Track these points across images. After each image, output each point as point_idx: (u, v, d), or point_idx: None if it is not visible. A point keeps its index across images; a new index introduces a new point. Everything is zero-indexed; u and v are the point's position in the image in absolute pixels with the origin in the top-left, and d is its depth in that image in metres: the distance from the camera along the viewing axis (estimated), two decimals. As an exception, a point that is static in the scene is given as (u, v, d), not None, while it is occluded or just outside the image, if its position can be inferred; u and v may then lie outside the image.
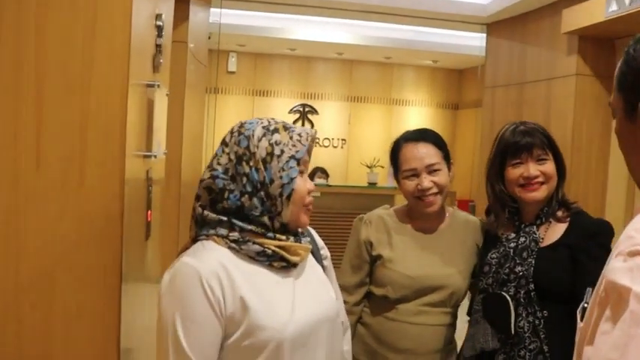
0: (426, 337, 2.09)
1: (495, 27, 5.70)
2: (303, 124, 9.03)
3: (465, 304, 2.22)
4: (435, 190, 2.07)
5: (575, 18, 4.37)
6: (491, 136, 5.87)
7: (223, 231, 1.33)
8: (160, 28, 1.97)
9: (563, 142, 4.61)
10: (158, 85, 1.84)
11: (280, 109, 8.93)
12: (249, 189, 1.33)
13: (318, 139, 9.01)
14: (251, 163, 1.33)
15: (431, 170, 2.07)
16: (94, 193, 1.45)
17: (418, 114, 9.30)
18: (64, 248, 1.43)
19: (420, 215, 2.15)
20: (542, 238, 1.96)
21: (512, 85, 5.42)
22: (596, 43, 4.55)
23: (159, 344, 1.27)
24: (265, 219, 1.34)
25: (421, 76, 9.30)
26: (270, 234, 1.35)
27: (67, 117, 1.43)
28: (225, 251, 1.32)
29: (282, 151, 1.35)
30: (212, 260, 1.29)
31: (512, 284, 1.93)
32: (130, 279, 1.65)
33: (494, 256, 2.00)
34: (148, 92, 1.83)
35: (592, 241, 1.90)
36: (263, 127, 1.38)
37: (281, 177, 1.33)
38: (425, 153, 2.09)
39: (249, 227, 1.33)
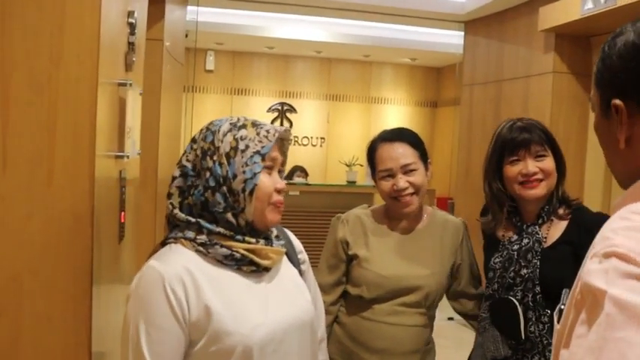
0: (402, 337, 2.07)
1: (473, 25, 5.71)
2: (281, 123, 9.00)
3: (443, 305, 2.20)
4: (410, 190, 2.04)
5: (552, 16, 4.40)
6: (469, 134, 5.93)
7: (191, 234, 1.31)
8: (132, 26, 1.93)
9: (541, 139, 4.65)
10: (130, 84, 1.80)
11: (259, 107, 8.89)
12: (212, 184, 1.31)
13: (296, 137, 8.99)
14: (215, 158, 1.32)
15: (407, 170, 2.05)
16: (63, 194, 1.40)
17: (397, 112, 9.31)
18: (32, 250, 1.39)
19: (397, 215, 2.14)
20: (545, 238, 1.90)
21: (490, 82, 5.45)
22: (573, 40, 4.59)
23: (122, 348, 1.25)
24: (229, 215, 1.31)
25: (400, 74, 9.32)
26: (239, 236, 1.32)
27: (34, 117, 1.38)
28: (192, 255, 1.29)
29: (247, 146, 1.33)
30: (177, 264, 1.26)
31: (519, 288, 1.87)
32: (102, 281, 1.61)
33: (497, 260, 1.94)
34: (120, 91, 1.79)
35: (593, 234, 1.85)
36: (230, 124, 1.37)
37: (244, 172, 1.31)
38: (400, 153, 2.07)
39: (217, 229, 1.30)
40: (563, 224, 1.91)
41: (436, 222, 2.17)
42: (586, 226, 1.84)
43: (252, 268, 1.34)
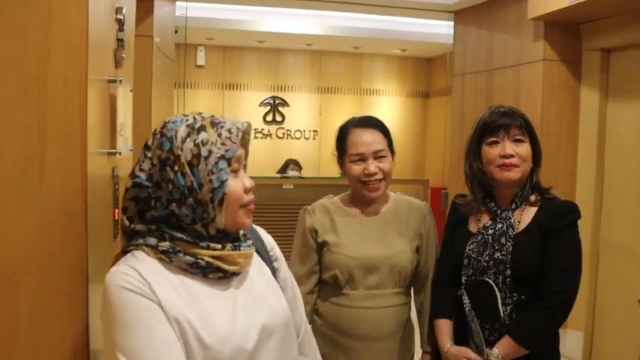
0: (381, 320, 2.13)
1: (462, 14, 5.71)
2: (274, 117, 8.99)
3: None
4: (380, 175, 2.14)
5: (541, 3, 4.41)
6: (461, 124, 5.93)
7: (152, 240, 1.23)
8: (120, 22, 1.93)
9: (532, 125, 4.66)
10: (120, 81, 1.80)
11: (250, 102, 8.88)
12: (176, 196, 1.22)
13: (289, 131, 8.99)
14: (176, 168, 1.22)
15: (377, 156, 2.14)
16: (55, 193, 1.40)
17: (389, 103, 9.31)
18: (26, 250, 1.39)
19: (364, 200, 2.22)
20: (519, 222, 1.99)
21: (481, 72, 5.45)
22: (562, 28, 4.59)
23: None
24: (199, 227, 1.24)
25: (391, 66, 9.31)
26: (203, 243, 1.24)
27: (24, 117, 1.38)
28: (154, 263, 1.23)
29: (210, 152, 1.23)
30: (144, 270, 1.21)
31: (492, 270, 1.96)
32: (98, 279, 1.61)
33: (472, 246, 2.03)
34: (110, 88, 1.78)
35: (560, 220, 1.94)
36: (187, 126, 1.25)
37: (210, 181, 1.22)
38: (372, 139, 2.15)
39: (180, 235, 1.23)
40: (534, 209, 2.01)
41: (401, 205, 2.27)
42: (554, 211, 1.96)
43: (220, 274, 1.26)
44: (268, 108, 8.97)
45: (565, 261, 1.93)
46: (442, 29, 6.25)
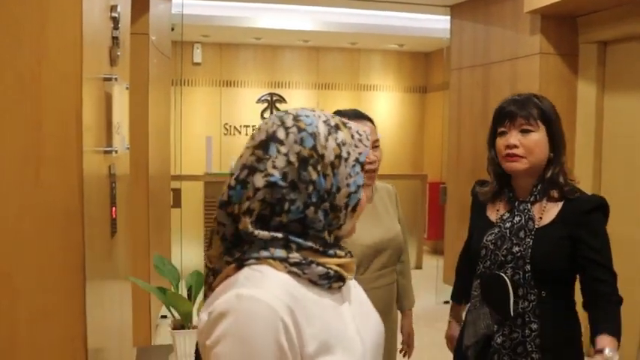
0: (388, 295, 2.35)
1: (459, 9, 5.71)
2: (271, 113, 8.97)
3: (440, 289, 2.39)
4: (376, 165, 2.26)
5: (537, -3, 4.40)
6: (458, 118, 5.94)
7: (280, 252, 1.07)
8: (115, 20, 1.93)
9: (530, 120, 4.66)
10: (116, 79, 1.80)
11: (248, 98, 8.87)
12: (314, 199, 1.09)
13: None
14: (319, 168, 1.09)
15: (374, 146, 2.24)
16: (52, 192, 1.40)
17: (386, 99, 9.31)
18: (24, 249, 1.39)
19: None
20: (541, 218, 1.93)
21: (478, 66, 5.45)
22: (558, 21, 4.59)
23: None
24: (326, 234, 1.12)
25: (388, 61, 9.30)
26: (331, 251, 1.13)
27: (21, 115, 1.38)
28: (286, 278, 1.06)
29: (349, 154, 1.13)
30: (281, 292, 1.02)
31: (510, 265, 1.91)
32: (95, 277, 1.61)
33: (490, 238, 1.98)
34: (106, 86, 1.78)
35: (590, 216, 1.88)
36: (325, 123, 1.13)
37: (348, 185, 1.12)
38: (369, 130, 2.25)
39: (309, 244, 1.09)
40: (558, 205, 1.92)
41: (380, 190, 2.45)
42: (582, 207, 1.87)
43: (340, 283, 1.15)
44: (266, 105, 8.97)
45: (604, 250, 1.91)
46: (439, 24, 6.25)
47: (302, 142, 1.09)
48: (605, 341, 1.84)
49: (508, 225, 1.95)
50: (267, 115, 8.98)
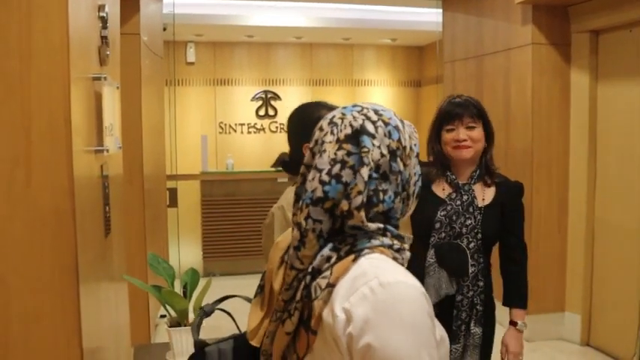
0: None
1: (450, 1, 5.71)
2: (266, 111, 8.98)
3: None
4: None
5: (528, -13, 4.41)
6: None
7: (387, 240, 1.10)
8: (103, 20, 1.93)
9: (524, 110, 4.67)
10: (105, 78, 1.79)
11: (243, 96, 8.86)
12: (400, 189, 1.15)
13: (282, 124, 8.98)
14: (403, 159, 1.15)
15: None
16: (43, 193, 1.40)
17: (381, 93, 9.31)
18: (16, 251, 1.39)
19: None
20: (483, 199, 2.43)
21: (471, 58, 5.46)
22: (550, 11, 4.60)
23: None
24: (398, 221, 1.17)
25: (381, 55, 9.30)
26: (405, 237, 1.16)
27: (9, 117, 1.38)
28: (395, 266, 1.09)
29: (415, 145, 1.21)
30: (407, 273, 1.07)
31: (465, 235, 2.36)
32: (90, 277, 1.61)
33: (442, 214, 2.39)
34: (95, 85, 1.78)
35: (518, 199, 2.49)
36: (395, 116, 1.19)
37: (415, 173, 1.19)
38: None
39: (397, 232, 1.14)
40: (493, 189, 2.46)
41: None
42: (512, 191, 2.48)
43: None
44: (260, 102, 8.96)
45: (521, 226, 2.49)
46: (432, 17, 6.25)
47: (390, 135, 1.14)
48: (518, 315, 2.44)
49: (458, 202, 2.40)
50: (262, 112, 8.95)
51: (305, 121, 2.29)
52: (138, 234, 3.93)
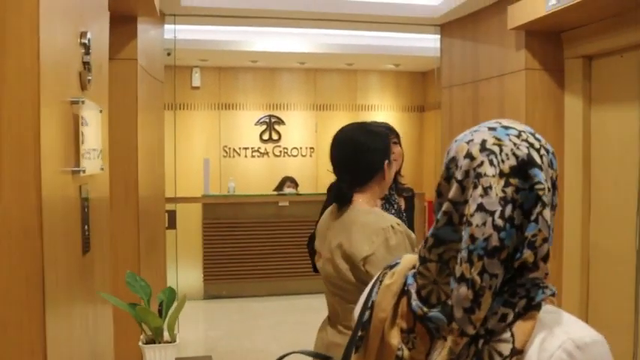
0: None
1: (448, 27, 5.79)
2: (270, 135, 9.08)
3: None
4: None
5: (520, 14, 4.48)
6: (451, 135, 6.00)
7: (552, 287, 0.98)
8: (86, 46, 2.00)
9: (518, 136, 4.70)
10: (83, 102, 1.86)
11: (247, 121, 8.98)
12: (553, 224, 0.99)
13: (286, 149, 9.07)
14: (556, 193, 1.02)
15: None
16: (12, 210, 1.47)
17: (384, 118, 9.36)
18: (-15, 265, 1.45)
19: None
20: (402, 207, 3.31)
21: (468, 83, 5.52)
22: (543, 37, 4.66)
23: None
24: None
25: (385, 81, 9.40)
26: None
27: (-19, 138, 1.45)
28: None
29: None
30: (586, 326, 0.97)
31: None
32: (59, 292, 1.66)
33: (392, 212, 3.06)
34: (74, 109, 1.85)
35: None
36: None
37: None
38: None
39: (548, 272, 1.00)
40: (402, 199, 3.40)
41: None
42: (415, 202, 3.62)
43: None
44: (264, 127, 9.07)
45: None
46: (434, 43, 6.33)
47: (552, 165, 1.02)
48: None
49: (396, 207, 3.19)
50: (265, 136, 9.05)
51: (358, 147, 2.23)
52: (132, 254, 3.99)
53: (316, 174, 9.13)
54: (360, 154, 2.18)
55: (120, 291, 2.60)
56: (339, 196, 2.18)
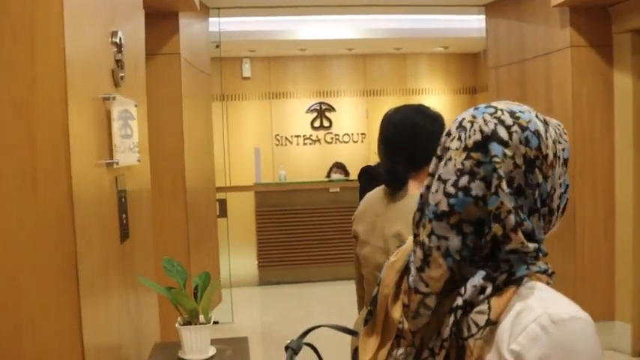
0: None
1: (492, 7, 5.71)
2: (321, 122, 9.15)
3: None
4: None
5: (563, -10, 4.38)
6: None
7: (542, 264, 0.97)
8: (117, 45, 2.11)
9: (565, 113, 4.62)
10: (114, 98, 1.98)
11: (298, 109, 9.08)
12: (538, 204, 0.99)
13: (337, 135, 9.13)
14: (543, 170, 0.99)
15: None
16: (47, 202, 1.59)
17: (436, 102, 9.30)
18: (25, 252, 1.58)
19: None
20: None
21: (514, 63, 5.43)
22: (588, 12, 4.55)
23: None
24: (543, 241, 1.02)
25: (435, 64, 9.32)
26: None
27: (17, 136, 1.57)
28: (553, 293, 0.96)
29: (563, 151, 1.05)
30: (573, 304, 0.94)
31: None
32: (95, 278, 1.79)
33: None
34: (106, 105, 1.96)
35: None
36: (537, 118, 1.03)
37: (560, 185, 1.04)
38: None
39: (546, 252, 0.99)
40: None
41: None
42: None
43: None
44: (315, 114, 9.15)
45: None
46: (482, 23, 6.24)
47: (527, 143, 0.99)
48: None
49: None
50: (317, 124, 9.13)
51: (406, 130, 2.12)
52: (181, 246, 4.15)
53: (368, 159, 9.14)
54: (416, 136, 2.08)
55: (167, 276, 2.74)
56: (395, 181, 2.07)
